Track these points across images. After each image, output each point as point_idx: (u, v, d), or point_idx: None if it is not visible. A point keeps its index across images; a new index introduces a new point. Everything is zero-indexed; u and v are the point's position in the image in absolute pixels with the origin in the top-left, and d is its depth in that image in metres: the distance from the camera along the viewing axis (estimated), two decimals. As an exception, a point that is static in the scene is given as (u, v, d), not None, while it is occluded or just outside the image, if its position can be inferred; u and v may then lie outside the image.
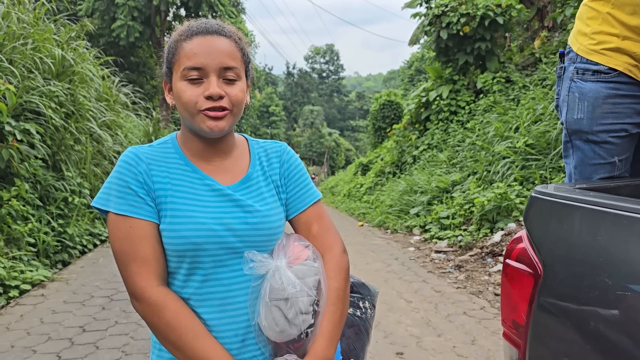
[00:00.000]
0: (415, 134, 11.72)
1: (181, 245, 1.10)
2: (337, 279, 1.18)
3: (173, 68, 1.15)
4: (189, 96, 1.11)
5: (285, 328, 1.10)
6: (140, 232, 1.10)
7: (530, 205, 1.31)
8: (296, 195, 1.25)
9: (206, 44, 1.12)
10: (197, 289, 1.13)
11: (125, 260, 1.10)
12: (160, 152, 1.18)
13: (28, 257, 4.99)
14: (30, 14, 6.88)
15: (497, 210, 6.03)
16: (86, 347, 3.36)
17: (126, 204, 1.10)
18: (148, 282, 1.09)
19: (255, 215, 1.16)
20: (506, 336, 1.33)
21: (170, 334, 1.07)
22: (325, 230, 1.24)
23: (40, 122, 5.85)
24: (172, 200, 1.13)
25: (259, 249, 1.15)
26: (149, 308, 1.08)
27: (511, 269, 1.31)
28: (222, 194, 1.16)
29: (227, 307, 1.13)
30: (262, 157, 1.26)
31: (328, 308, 1.14)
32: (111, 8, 20.05)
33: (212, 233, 1.11)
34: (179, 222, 1.11)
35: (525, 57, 11.05)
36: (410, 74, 33.32)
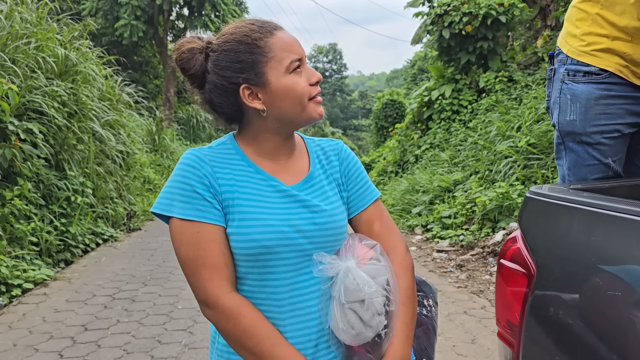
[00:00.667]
0: (417, 133, 11.72)
1: (252, 249, 1.06)
2: (404, 278, 1.16)
3: (266, 67, 1.09)
4: (303, 87, 1.10)
5: (362, 330, 1.07)
6: (209, 237, 1.06)
7: (525, 206, 1.32)
8: (357, 193, 1.22)
9: (289, 36, 1.12)
10: (270, 293, 1.09)
11: (194, 267, 1.06)
12: (221, 154, 1.15)
13: (31, 256, 5.01)
14: (34, 13, 6.90)
15: (498, 210, 6.03)
16: (88, 345, 3.38)
17: (192, 209, 1.07)
18: (221, 288, 1.05)
19: (322, 215, 1.13)
20: (500, 336, 1.34)
21: (248, 341, 1.03)
22: (387, 229, 1.22)
23: (43, 121, 5.87)
24: (239, 202, 1.09)
25: (327, 250, 1.12)
26: (223, 315, 1.04)
27: (506, 269, 1.32)
28: (288, 195, 1.12)
29: (299, 311, 1.10)
30: (321, 155, 1.24)
31: (400, 308, 1.12)
32: (114, 7, 20.07)
33: (282, 235, 1.07)
34: (248, 225, 1.07)
35: (528, 56, 11.03)
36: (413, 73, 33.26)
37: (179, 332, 3.60)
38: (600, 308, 1.03)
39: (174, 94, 22.14)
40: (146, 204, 9.34)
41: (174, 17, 23.13)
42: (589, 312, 1.06)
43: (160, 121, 14.59)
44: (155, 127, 14.07)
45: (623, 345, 0.97)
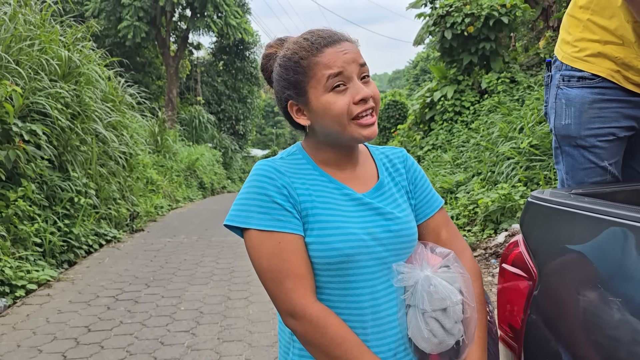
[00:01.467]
0: (419, 134, 11.72)
1: (333, 258, 1.07)
2: (477, 284, 1.16)
3: (307, 86, 1.10)
4: (340, 106, 1.07)
5: (444, 339, 1.07)
6: (292, 247, 1.06)
7: (527, 210, 1.33)
8: (424, 200, 1.23)
9: (339, 51, 1.09)
10: (350, 302, 1.09)
11: (279, 278, 1.06)
12: (294, 164, 1.15)
13: (34, 257, 5.04)
14: (37, 15, 6.93)
15: (501, 211, 6.03)
16: (91, 346, 3.39)
17: (272, 219, 1.06)
18: (307, 299, 1.05)
19: (397, 222, 1.13)
20: (502, 340, 1.35)
21: (336, 350, 1.03)
22: (454, 236, 1.23)
23: (47, 123, 5.89)
24: (317, 212, 1.09)
25: (401, 258, 1.13)
26: (310, 325, 1.04)
27: (507, 273, 1.33)
28: (362, 203, 1.13)
29: (380, 320, 1.10)
30: (387, 163, 1.24)
31: (478, 316, 1.13)
32: (117, 9, 20.12)
33: (362, 243, 1.08)
34: (328, 233, 1.07)
35: (530, 57, 11.03)
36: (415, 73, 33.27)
37: (181, 334, 3.61)
38: (602, 313, 1.04)
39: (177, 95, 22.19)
40: (149, 205, 9.37)
41: (177, 18, 23.18)
42: (590, 317, 1.07)
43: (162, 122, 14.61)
44: (158, 128, 14.09)
45: (624, 350, 0.97)
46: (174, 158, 14.59)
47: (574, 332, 1.10)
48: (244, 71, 26.69)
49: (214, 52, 26.97)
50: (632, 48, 1.80)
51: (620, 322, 0.99)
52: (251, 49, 26.74)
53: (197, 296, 4.52)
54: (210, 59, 27.35)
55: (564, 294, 1.14)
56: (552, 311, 1.17)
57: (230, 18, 21.89)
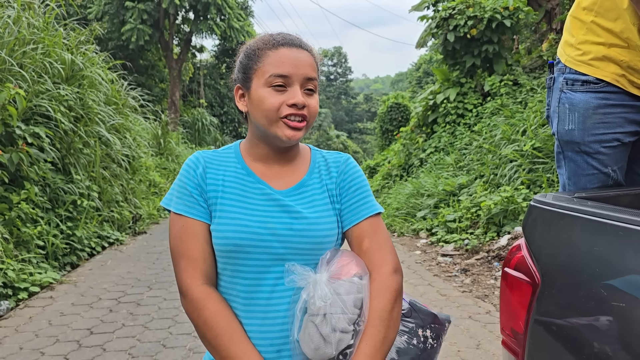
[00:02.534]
0: (422, 136, 11.71)
1: (225, 246, 1.13)
2: (381, 300, 1.10)
3: (253, 75, 1.17)
4: (272, 102, 1.14)
5: (320, 345, 1.05)
6: (191, 231, 1.15)
7: (529, 214, 1.32)
8: (352, 207, 1.21)
9: (292, 55, 1.16)
10: (240, 292, 1.15)
11: (176, 257, 1.16)
12: (221, 156, 1.24)
13: (37, 260, 5.04)
14: (40, 18, 6.95)
15: (503, 214, 6.01)
16: (93, 349, 3.39)
17: (182, 204, 1.17)
18: (193, 279, 1.13)
19: (302, 221, 1.15)
20: (505, 344, 1.34)
21: (207, 333, 1.10)
22: (377, 247, 1.17)
23: (50, 125, 5.91)
24: (222, 202, 1.17)
25: (304, 257, 1.15)
26: (190, 305, 1.12)
27: (510, 277, 1.32)
28: (271, 199, 1.18)
29: (267, 314, 1.13)
30: (322, 166, 1.27)
31: (368, 329, 1.07)
32: (121, 11, 20.19)
33: (255, 236, 1.13)
34: (224, 223, 1.14)
35: (533, 59, 11.01)
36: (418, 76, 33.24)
37: (183, 336, 3.61)
38: (605, 318, 1.04)
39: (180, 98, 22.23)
40: (152, 207, 9.38)
41: (180, 21, 23.23)
42: (593, 321, 1.06)
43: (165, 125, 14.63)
44: (161, 130, 14.12)
45: (627, 355, 0.97)
46: (176, 160, 14.60)
47: (577, 337, 1.10)
48: (247, 74, 26.66)
49: (217, 54, 27.02)
50: (638, 51, 1.77)
51: (624, 326, 0.99)
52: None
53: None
54: (213, 62, 27.41)
55: (567, 298, 1.14)
56: (555, 315, 1.16)
57: (233, 21, 21.94)
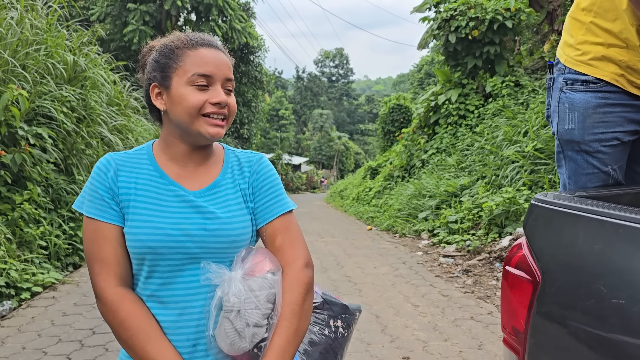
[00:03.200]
0: (424, 137, 11.72)
1: (138, 249, 1.14)
2: (292, 293, 1.14)
3: (173, 73, 1.18)
4: (195, 100, 1.15)
5: (235, 340, 1.09)
6: (103, 234, 1.15)
7: (530, 213, 1.33)
8: (264, 205, 1.24)
9: (213, 55, 1.19)
10: (154, 291, 1.16)
11: (90, 261, 1.16)
12: (133, 158, 1.23)
13: (40, 260, 5.06)
14: (43, 20, 6.98)
15: (505, 215, 6.02)
16: (96, 349, 3.40)
17: (94, 208, 1.16)
18: (107, 282, 1.14)
19: (215, 222, 1.17)
20: (506, 342, 1.35)
21: (123, 334, 1.11)
22: (289, 243, 1.21)
23: (53, 126, 5.93)
24: (134, 204, 1.17)
25: (219, 256, 1.17)
26: (105, 307, 1.13)
27: (511, 275, 1.33)
28: (184, 200, 1.18)
29: (182, 311, 1.16)
30: (235, 166, 1.28)
31: (280, 322, 1.11)
32: (123, 13, 20.25)
33: (168, 238, 1.14)
34: (137, 225, 1.15)
35: (535, 60, 11.02)
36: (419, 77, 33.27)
37: (186, 337, 3.62)
38: (605, 316, 1.04)
39: (182, 99, 22.26)
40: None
41: (182, 22, 23.27)
42: (593, 319, 1.07)
43: (167, 126, 14.64)
44: (163, 131, 14.13)
45: (628, 353, 0.97)
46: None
47: (578, 335, 1.10)
48: (249, 75, 26.75)
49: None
50: (637, 51, 1.79)
51: (625, 325, 0.99)
52: (256, 53, 26.80)
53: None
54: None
55: (568, 296, 1.14)
56: (556, 313, 1.17)
57: (235, 22, 21.98)
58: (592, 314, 1.07)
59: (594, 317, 1.07)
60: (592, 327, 1.07)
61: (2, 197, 4.99)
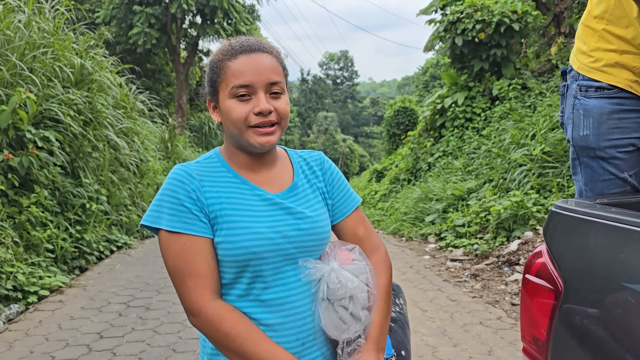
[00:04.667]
0: (430, 140, 11.68)
1: (241, 256, 1.13)
2: (385, 277, 1.25)
3: (219, 87, 1.18)
4: (238, 113, 1.15)
5: (353, 325, 1.15)
6: (195, 249, 1.12)
7: (550, 220, 1.30)
8: (341, 200, 1.31)
9: (252, 62, 1.16)
10: (258, 295, 1.16)
11: (181, 277, 1.13)
12: (208, 168, 1.21)
13: (46, 263, 5.05)
14: (51, 23, 6.99)
15: (513, 219, 5.97)
16: (103, 353, 3.39)
17: (179, 221, 1.13)
18: (203, 297, 1.12)
19: (306, 221, 1.20)
20: (526, 352, 1.32)
21: (231, 344, 1.10)
22: (370, 232, 1.32)
23: (59, 129, 5.94)
24: (226, 213, 1.15)
25: (311, 254, 1.20)
26: (206, 323, 1.11)
27: (531, 284, 1.31)
28: (273, 203, 1.19)
29: (287, 312, 1.17)
30: (304, 166, 1.32)
31: (379, 303, 1.20)
32: (128, 16, 20.29)
33: (269, 241, 1.14)
34: (236, 233, 1.13)
35: (542, 63, 10.97)
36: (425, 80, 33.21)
37: (193, 341, 3.60)
38: (630, 326, 1.01)
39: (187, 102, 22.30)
40: (159, 211, 9.38)
41: (187, 25, 23.32)
42: (618, 329, 1.04)
43: (173, 128, 14.66)
44: (168, 134, 14.14)
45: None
46: (184, 164, 14.62)
47: (602, 344, 1.08)
48: (254, 78, 26.70)
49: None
50: None
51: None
52: (261, 56, 26.74)
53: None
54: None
55: (592, 305, 1.12)
56: (580, 322, 1.14)
57: (240, 25, 22.00)
58: (618, 323, 1.04)
59: (619, 327, 1.04)
60: (617, 337, 1.04)
61: (9, 200, 4.99)
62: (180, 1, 19.72)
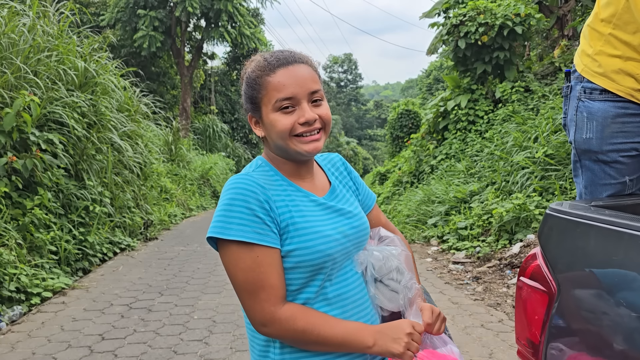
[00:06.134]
0: (433, 143, 11.67)
1: (318, 259, 1.16)
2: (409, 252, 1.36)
3: (261, 103, 1.20)
4: (284, 125, 1.17)
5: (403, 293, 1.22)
6: (268, 260, 1.13)
7: (545, 223, 1.31)
8: (365, 195, 1.42)
9: (291, 74, 1.19)
10: (325, 295, 1.20)
11: (254, 290, 1.13)
12: (267, 177, 1.23)
13: (50, 265, 5.08)
14: (55, 26, 7.04)
15: (515, 221, 5.96)
16: (105, 355, 3.40)
17: (253, 232, 1.12)
18: (276, 305, 1.14)
19: (355, 219, 1.28)
20: (520, 354, 1.33)
21: (310, 337, 1.13)
22: (387, 221, 1.46)
23: (63, 132, 5.97)
24: (296, 220, 1.18)
25: (359, 249, 1.29)
26: (280, 326, 1.13)
27: (526, 286, 1.31)
28: (327, 207, 1.26)
29: (352, 304, 1.22)
30: (331, 168, 1.39)
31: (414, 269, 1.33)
32: (133, 19, 20.38)
33: (336, 242, 1.20)
34: (310, 239, 1.17)
35: (545, 66, 10.95)
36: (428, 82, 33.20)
37: (194, 343, 3.61)
38: (624, 328, 1.02)
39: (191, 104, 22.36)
40: (163, 213, 9.42)
41: (191, 29, 23.40)
42: (612, 332, 1.05)
43: (177, 131, 14.73)
44: (172, 137, 14.21)
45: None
46: (187, 167, 14.68)
47: (595, 347, 1.08)
48: (258, 80, 26.72)
49: (228, 61, 27.16)
50: None
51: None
52: (264, 59, 26.77)
53: (210, 305, 4.52)
54: (224, 69, 27.55)
55: (586, 307, 1.12)
56: (574, 325, 1.14)
57: (244, 28, 22.06)
58: (611, 326, 1.05)
59: (612, 329, 1.04)
60: (610, 340, 1.04)
61: (13, 202, 5.02)
62: (184, 4, 19.80)
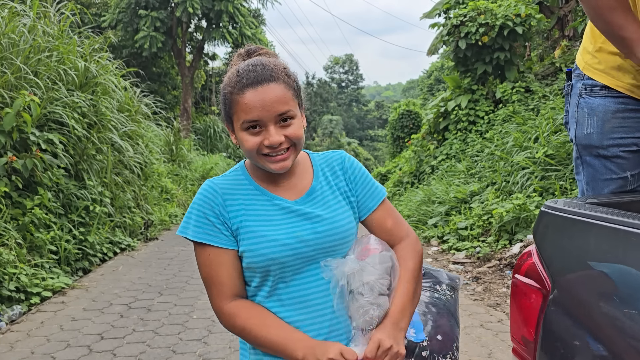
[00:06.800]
0: (433, 143, 11.67)
1: (262, 262, 1.21)
2: (412, 261, 1.29)
3: (232, 118, 1.24)
4: (251, 145, 1.21)
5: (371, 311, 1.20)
6: (218, 259, 1.24)
7: (540, 220, 1.31)
8: (365, 195, 1.35)
9: (259, 97, 1.18)
10: (279, 296, 1.24)
11: (208, 284, 1.26)
12: (233, 181, 1.30)
13: (49, 265, 5.08)
14: (55, 26, 7.05)
15: (516, 222, 5.96)
16: (104, 354, 3.40)
17: (204, 234, 1.24)
18: (223, 301, 1.24)
19: (322, 223, 1.26)
20: (515, 352, 1.33)
21: (248, 335, 1.21)
22: (399, 222, 1.36)
23: (64, 132, 5.98)
24: (247, 224, 1.24)
25: (333, 254, 1.26)
26: (224, 320, 1.24)
27: (520, 284, 1.31)
28: (291, 210, 1.26)
29: (309, 309, 1.24)
30: (325, 168, 1.36)
31: (401, 284, 1.24)
32: (134, 19, 20.39)
33: (286, 247, 1.21)
34: (256, 242, 1.22)
35: (545, 66, 10.95)
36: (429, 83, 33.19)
37: (193, 342, 3.61)
38: (618, 326, 1.02)
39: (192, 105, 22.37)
40: (163, 214, 9.42)
41: (192, 29, 23.41)
42: (605, 329, 1.05)
43: (177, 131, 14.73)
44: (173, 137, 14.21)
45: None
46: (188, 167, 14.68)
47: (589, 345, 1.08)
48: (258, 81, 26.72)
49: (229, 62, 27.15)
50: None
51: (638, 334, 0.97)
52: (265, 59, 26.77)
53: (209, 305, 4.50)
54: (225, 69, 27.46)
55: (579, 305, 1.12)
56: (567, 323, 1.14)
57: (245, 28, 22.07)
58: (605, 324, 1.05)
59: (606, 327, 1.04)
60: (604, 338, 1.04)
61: (13, 202, 5.02)
62: (185, 5, 19.81)
